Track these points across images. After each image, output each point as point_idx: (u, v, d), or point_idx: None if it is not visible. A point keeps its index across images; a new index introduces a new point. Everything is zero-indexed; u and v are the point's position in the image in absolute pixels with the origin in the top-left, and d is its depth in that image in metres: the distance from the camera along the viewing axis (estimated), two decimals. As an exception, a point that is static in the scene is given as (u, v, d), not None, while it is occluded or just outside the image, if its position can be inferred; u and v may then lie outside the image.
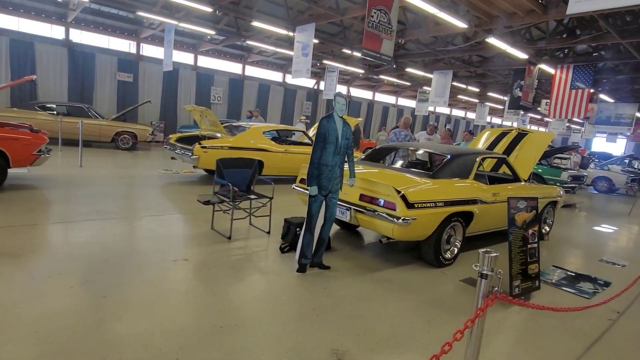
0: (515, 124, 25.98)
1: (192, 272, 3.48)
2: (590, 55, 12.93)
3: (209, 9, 10.49)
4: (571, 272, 4.63)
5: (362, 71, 18.22)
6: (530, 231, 3.63)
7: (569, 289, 4.04)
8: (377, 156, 5.42)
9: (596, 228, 7.63)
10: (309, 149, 8.58)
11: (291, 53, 15.30)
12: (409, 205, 3.70)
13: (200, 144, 7.46)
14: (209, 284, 3.29)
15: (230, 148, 7.80)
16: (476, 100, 25.17)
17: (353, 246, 4.75)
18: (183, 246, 4.12)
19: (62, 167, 8.02)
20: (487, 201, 4.58)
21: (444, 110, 31.65)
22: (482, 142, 6.96)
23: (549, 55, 13.23)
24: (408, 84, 21.09)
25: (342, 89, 24.00)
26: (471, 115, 31.65)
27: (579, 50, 13.28)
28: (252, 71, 19.82)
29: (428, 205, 3.85)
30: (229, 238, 4.50)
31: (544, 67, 13.01)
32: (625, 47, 10.67)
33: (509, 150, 6.47)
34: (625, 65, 14.16)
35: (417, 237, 4.05)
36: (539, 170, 10.31)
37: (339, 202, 4.23)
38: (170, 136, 8.80)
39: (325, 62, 16.75)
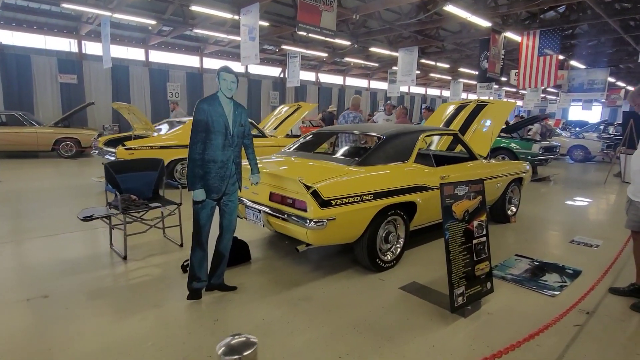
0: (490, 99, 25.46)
1: (41, 316, 2.67)
2: (557, 19, 12.31)
3: (138, -5, 9.45)
4: (536, 261, 3.96)
5: (325, 55, 17.34)
6: (475, 222, 2.91)
7: (531, 286, 3.36)
8: (311, 144, 4.63)
9: (569, 202, 7.03)
10: (259, 142, 7.78)
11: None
12: (324, 203, 2.94)
13: (124, 145, 6.57)
14: (55, 332, 2.49)
15: (162, 147, 6.92)
16: (449, 78, 24.55)
17: (283, 253, 3.99)
18: (56, 276, 3.30)
19: (-27, 184, 7.04)
20: (433, 187, 3.85)
21: (419, 90, 31.03)
22: (439, 118, 6.26)
23: (514, 22, 12.56)
24: (376, 65, 20.29)
25: (310, 75, 23.06)
26: (447, 93, 31.06)
27: (547, 17, 12.64)
28: (211, 63, 18.72)
29: (351, 200, 3.09)
30: (125, 258, 3.69)
31: (510, 35, 12.34)
32: (590, 5, 10.04)
33: (467, 124, 5.78)
34: (593, 27, 13.60)
35: (343, 240, 3.31)
36: (511, 144, 9.68)
37: (251, 205, 3.45)
38: (99, 139, 7.87)
39: (284, 47, 15.82)
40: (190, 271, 2.91)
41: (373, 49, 15.60)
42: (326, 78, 24.10)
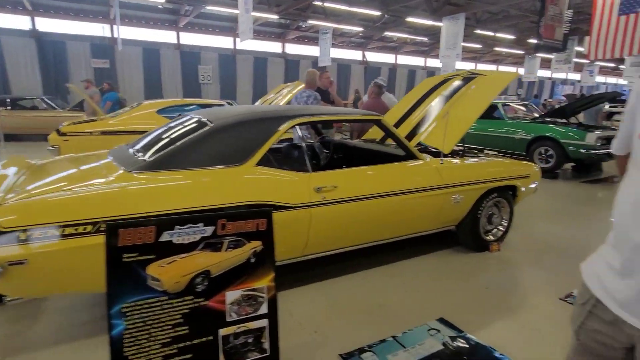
0: (568, 76, 21.02)
1: None
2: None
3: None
4: (463, 338, 2.34)
5: (359, 29, 15.54)
6: (233, 294, 1.51)
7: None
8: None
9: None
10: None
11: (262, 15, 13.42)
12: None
13: (58, 131, 5.97)
14: None
15: (104, 133, 6.20)
16: (521, 52, 20.97)
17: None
18: None
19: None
20: (294, 205, 2.44)
21: (488, 68, 27.25)
22: (411, 98, 4.59)
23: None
24: (425, 39, 17.84)
25: (356, 54, 21.31)
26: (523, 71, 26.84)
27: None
28: (245, 44, 17.97)
29: (71, 231, 1.86)
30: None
31: (580, -11, 9.52)
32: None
33: (441, 106, 4.06)
34: None
35: (81, 289, 2.11)
36: (556, 133, 7.18)
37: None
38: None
39: (311, 22, 14.44)
40: None
41: (411, 19, 13.46)
42: (375, 57, 22.08)
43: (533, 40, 16.67)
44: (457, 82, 4.22)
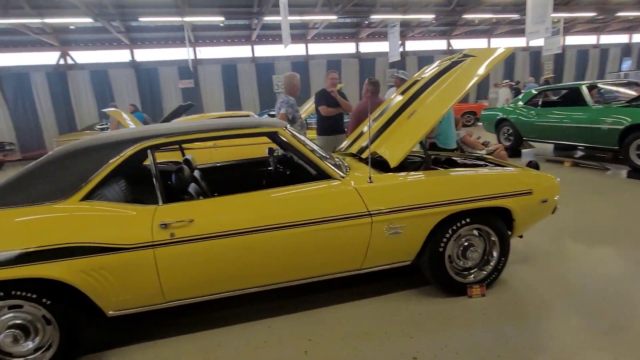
0: None
1: None
2: None
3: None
4: None
5: (431, 16, 14.05)
6: None
7: None
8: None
9: None
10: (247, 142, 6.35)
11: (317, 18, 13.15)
12: None
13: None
14: None
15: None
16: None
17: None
18: None
19: None
20: (129, 246, 2.04)
21: (615, 38, 22.09)
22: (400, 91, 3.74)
23: None
24: (513, 16, 15.27)
25: (440, 43, 19.47)
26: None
27: None
28: (318, 48, 17.91)
29: None
30: None
31: None
32: None
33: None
34: None
35: None
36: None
37: None
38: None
39: (375, 17, 13.61)
40: None
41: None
42: (462, 44, 19.86)
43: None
44: (440, 70, 3.28)
